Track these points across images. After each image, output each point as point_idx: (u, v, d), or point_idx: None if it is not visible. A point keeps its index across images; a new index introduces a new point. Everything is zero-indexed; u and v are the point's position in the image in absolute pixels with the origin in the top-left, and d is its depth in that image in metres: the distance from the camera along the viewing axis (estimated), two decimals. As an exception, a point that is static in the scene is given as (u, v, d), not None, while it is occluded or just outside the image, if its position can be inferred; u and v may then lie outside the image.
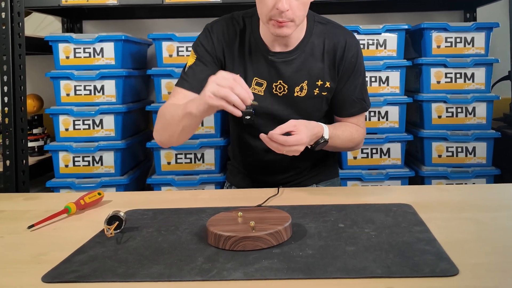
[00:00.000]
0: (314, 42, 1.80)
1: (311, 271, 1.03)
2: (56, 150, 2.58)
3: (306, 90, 1.77)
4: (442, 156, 2.59)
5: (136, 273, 1.05)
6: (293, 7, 1.60)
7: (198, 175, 2.63)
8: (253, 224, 1.21)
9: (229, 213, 1.33)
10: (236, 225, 1.24)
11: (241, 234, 1.16)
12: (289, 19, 1.61)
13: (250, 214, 1.30)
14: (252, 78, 1.79)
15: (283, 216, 1.28)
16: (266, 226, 1.20)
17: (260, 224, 1.22)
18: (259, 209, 1.37)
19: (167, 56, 2.65)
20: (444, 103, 2.57)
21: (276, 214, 1.30)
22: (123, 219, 1.29)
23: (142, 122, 3.01)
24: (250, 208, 1.38)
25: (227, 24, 1.83)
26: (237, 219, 1.28)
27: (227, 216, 1.31)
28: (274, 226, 1.20)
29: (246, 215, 1.30)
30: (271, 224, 1.22)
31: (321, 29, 1.81)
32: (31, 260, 1.15)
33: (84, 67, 2.60)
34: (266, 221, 1.25)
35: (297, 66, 1.77)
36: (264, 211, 1.33)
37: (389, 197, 1.57)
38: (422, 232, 1.23)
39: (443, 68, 2.58)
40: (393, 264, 1.05)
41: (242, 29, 1.82)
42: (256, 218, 1.26)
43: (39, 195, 1.73)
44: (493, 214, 1.37)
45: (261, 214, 1.31)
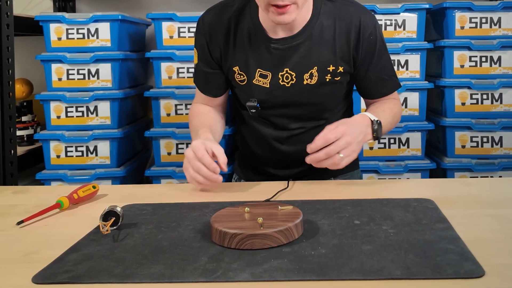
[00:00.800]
0: (322, 24, 1.74)
1: (324, 272, 1.02)
2: (47, 140, 2.59)
3: (316, 77, 1.74)
4: (466, 146, 2.58)
5: (134, 273, 1.04)
6: None
7: (201, 167, 2.62)
8: (261, 220, 1.20)
9: (235, 208, 1.32)
10: (242, 221, 1.23)
11: (248, 232, 1.16)
12: (291, 1, 1.56)
13: (258, 210, 1.30)
14: (256, 70, 1.75)
15: (293, 212, 1.27)
16: (276, 223, 1.20)
17: (268, 220, 1.22)
18: (268, 204, 1.37)
19: (167, 37, 2.65)
20: (468, 89, 2.56)
21: (286, 210, 1.29)
22: (120, 215, 1.29)
23: (140, 109, 3.01)
24: (258, 203, 1.37)
25: (220, 13, 1.79)
26: (243, 215, 1.27)
27: (233, 211, 1.30)
28: (284, 223, 1.19)
29: (253, 210, 1.29)
30: (281, 221, 1.21)
31: (330, 8, 1.75)
32: (20, 259, 1.15)
33: (77, 50, 2.60)
34: (275, 218, 1.24)
35: (304, 52, 1.73)
36: (273, 207, 1.32)
37: (409, 192, 1.56)
38: (444, 229, 1.22)
39: (467, 51, 2.57)
40: (413, 264, 1.04)
41: (238, 15, 1.78)
42: (265, 214, 1.26)
43: (29, 188, 1.73)
44: (523, 210, 1.36)
45: (270, 209, 1.30)
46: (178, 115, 2.63)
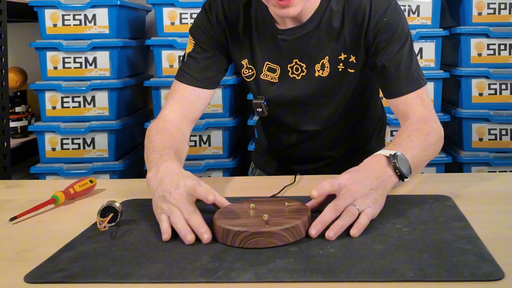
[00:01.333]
0: (332, 9, 1.64)
1: (333, 272, 1.01)
2: (41, 131, 2.59)
3: (328, 68, 1.67)
4: (483, 139, 2.58)
5: (131, 272, 1.04)
6: None
7: (203, 160, 2.64)
8: (266, 217, 1.20)
9: (240, 204, 1.32)
10: (247, 218, 1.23)
11: (253, 229, 1.15)
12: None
13: (264, 206, 1.29)
14: (264, 63, 1.70)
15: (301, 209, 1.27)
16: (282, 220, 1.19)
17: (275, 217, 1.21)
18: (274, 200, 1.36)
19: (168, 24, 2.65)
20: (486, 78, 2.56)
21: (293, 206, 1.29)
22: (118, 211, 1.28)
23: (140, 99, 3.01)
24: (264, 199, 1.37)
25: (227, 1, 1.72)
26: (248, 212, 1.27)
27: (238, 208, 1.30)
28: (290, 220, 1.19)
29: (259, 207, 1.29)
30: (288, 218, 1.21)
31: None
32: (13, 257, 1.15)
33: (74, 37, 2.61)
34: (281, 214, 1.24)
35: (314, 41, 1.66)
36: (280, 203, 1.32)
37: (424, 187, 1.55)
38: (462, 228, 1.21)
39: (485, 39, 2.56)
40: (428, 266, 1.03)
41: (246, 3, 1.71)
42: (271, 211, 1.25)
43: (23, 183, 1.74)
44: (544, 208, 1.36)
45: (276, 206, 1.30)
46: (180, 105, 2.62)
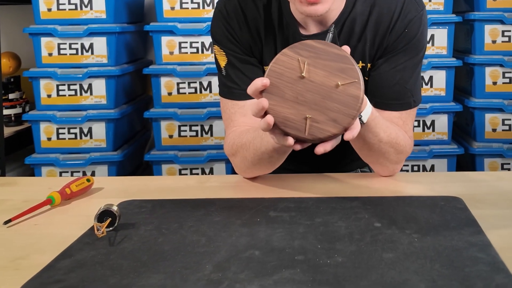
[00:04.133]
0: (356, 12, 1.60)
1: (341, 284, 1.01)
2: (36, 120, 2.60)
3: None
4: (497, 130, 2.58)
5: (131, 283, 1.04)
6: None
7: (205, 151, 2.64)
8: (309, 122, 1.24)
9: (294, 63, 1.30)
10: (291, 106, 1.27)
11: (289, 130, 1.25)
12: None
13: (317, 74, 1.28)
14: None
15: (351, 101, 1.26)
16: (322, 124, 1.25)
17: (317, 111, 1.25)
18: (332, 65, 1.30)
19: (168, 8, 2.65)
20: (501, 67, 2.56)
21: (346, 90, 1.27)
22: (116, 215, 1.28)
23: (139, 87, 3.02)
24: (322, 56, 1.31)
25: (245, 1, 1.66)
26: (297, 86, 1.28)
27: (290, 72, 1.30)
28: (330, 125, 1.25)
29: (311, 75, 1.28)
30: (330, 119, 1.25)
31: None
32: (8, 265, 1.15)
33: (69, 21, 2.61)
34: (326, 106, 1.26)
35: None
36: (335, 75, 1.28)
37: (435, 188, 1.55)
38: (474, 234, 1.21)
39: (500, 25, 2.56)
40: (439, 276, 1.03)
41: (266, 4, 1.65)
42: (319, 90, 1.27)
43: (17, 180, 1.73)
44: (561, 211, 1.36)
45: (329, 79, 1.28)
46: (180, 94, 2.63)
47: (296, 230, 1.25)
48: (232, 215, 1.35)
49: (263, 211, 1.37)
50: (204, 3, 2.63)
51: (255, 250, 1.16)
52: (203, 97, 2.65)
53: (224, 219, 1.33)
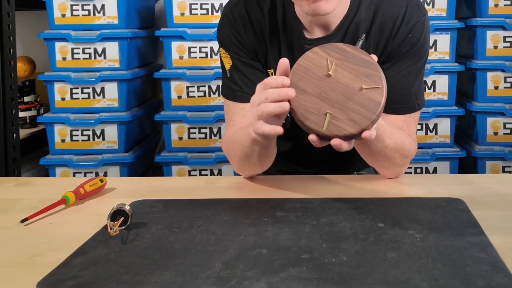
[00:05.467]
0: (360, 17, 1.58)
1: (346, 282, 1.02)
2: (51, 123, 2.61)
3: None
4: (498, 133, 2.58)
5: (144, 280, 1.05)
6: None
7: (214, 153, 2.65)
8: (328, 118, 1.25)
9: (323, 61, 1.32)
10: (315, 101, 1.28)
11: (309, 124, 1.27)
12: None
13: (344, 75, 1.30)
14: None
15: (373, 104, 1.28)
16: (342, 122, 1.26)
17: (339, 110, 1.27)
18: (358, 68, 1.32)
19: (178, 14, 2.65)
20: (502, 71, 2.56)
21: (369, 94, 1.29)
22: (128, 214, 1.29)
23: (150, 90, 3.02)
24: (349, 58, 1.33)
25: (250, 4, 1.64)
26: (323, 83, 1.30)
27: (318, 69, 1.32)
28: (350, 124, 1.26)
29: (338, 75, 1.30)
30: (350, 120, 1.26)
31: (371, 0, 1.59)
32: (25, 262, 1.16)
33: (82, 27, 2.62)
34: (348, 107, 1.27)
35: None
36: (359, 78, 1.30)
37: (437, 189, 1.55)
38: (475, 235, 1.21)
39: (502, 31, 2.56)
40: (441, 275, 1.04)
41: (270, 7, 1.63)
42: (344, 90, 1.28)
43: (33, 181, 1.74)
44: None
45: (354, 81, 1.30)
46: (190, 97, 2.64)
47: (302, 230, 1.26)
48: (240, 215, 1.36)
49: (270, 211, 1.37)
50: (213, 9, 2.64)
51: (262, 249, 1.16)
52: (211, 100, 2.66)
53: (233, 218, 1.34)
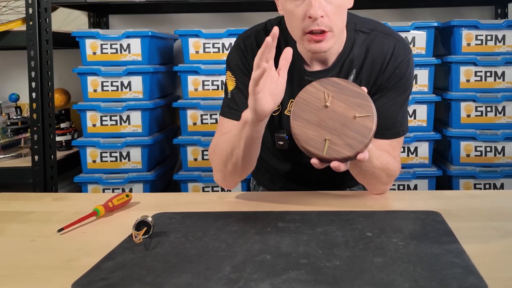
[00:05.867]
0: (354, 54, 1.60)
1: (339, 284, 1.03)
2: (83, 146, 2.62)
3: None
4: (470, 155, 2.58)
5: (164, 282, 1.06)
6: (327, 13, 1.43)
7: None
8: (328, 143, 1.28)
9: (320, 94, 1.35)
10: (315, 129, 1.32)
11: (310, 149, 1.30)
12: (327, 27, 1.44)
13: (339, 105, 1.33)
14: (288, 100, 1.63)
15: (364, 130, 1.31)
16: (339, 146, 1.29)
17: (336, 136, 1.30)
18: (349, 99, 1.34)
19: (193, 52, 2.66)
20: (474, 102, 2.56)
21: (361, 122, 1.31)
22: (151, 225, 1.30)
23: (169, 117, 3.03)
24: (343, 92, 1.35)
25: (261, 38, 1.64)
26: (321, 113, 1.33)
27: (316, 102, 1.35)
28: (346, 148, 1.29)
29: (334, 106, 1.33)
30: (346, 144, 1.29)
31: (364, 39, 1.61)
32: (61, 266, 1.17)
33: (111, 63, 2.62)
34: (344, 133, 1.30)
35: None
36: (352, 108, 1.33)
37: (418, 204, 1.55)
38: (450, 243, 1.22)
39: (473, 67, 2.56)
40: (421, 278, 1.04)
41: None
42: (339, 119, 1.31)
43: (68, 196, 1.75)
44: (524, 224, 1.36)
45: (347, 111, 1.32)
46: (203, 124, 2.65)
47: (301, 238, 1.26)
48: (247, 225, 1.36)
49: (273, 222, 1.38)
50: (223, 48, 2.65)
51: (266, 255, 1.17)
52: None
53: (240, 228, 1.34)
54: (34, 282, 1.10)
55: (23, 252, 1.25)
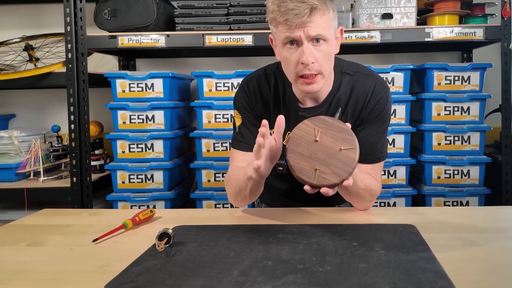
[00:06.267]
0: (341, 93, 1.63)
1: (330, 286, 1.03)
2: (114, 169, 2.63)
3: None
4: (441, 177, 2.57)
5: (182, 284, 1.06)
6: (317, 59, 1.47)
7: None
8: (318, 173, 1.28)
9: (310, 129, 1.36)
10: (306, 160, 1.32)
11: (303, 178, 1.31)
12: (317, 71, 1.48)
13: (326, 139, 1.34)
14: (286, 133, 1.62)
15: (349, 160, 1.31)
16: (328, 174, 1.30)
17: (325, 166, 1.31)
18: (335, 134, 1.35)
19: (207, 90, 2.68)
20: (443, 132, 2.56)
21: (346, 153, 1.32)
22: (171, 236, 1.30)
23: (186, 145, 3.04)
24: (332, 127, 1.36)
25: (261, 81, 1.69)
26: (312, 146, 1.34)
27: (307, 136, 1.36)
28: (334, 177, 1.30)
29: (322, 140, 1.34)
30: (333, 173, 1.30)
31: (348, 80, 1.64)
32: (96, 271, 1.17)
33: (137, 99, 2.64)
34: (331, 163, 1.31)
35: None
36: (338, 142, 1.34)
37: (396, 218, 1.56)
38: (424, 251, 1.22)
39: (443, 102, 2.57)
40: (399, 280, 1.05)
41: (275, 84, 1.68)
42: (327, 151, 1.32)
43: (101, 211, 1.76)
44: (485, 235, 1.36)
45: (334, 144, 1.33)
46: (215, 151, 2.65)
47: (298, 247, 1.27)
48: (252, 236, 1.37)
49: (274, 234, 1.38)
50: (232, 87, 2.66)
51: (268, 261, 1.17)
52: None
53: (247, 239, 1.35)
54: (73, 284, 1.11)
55: (64, 259, 1.26)
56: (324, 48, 1.49)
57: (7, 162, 2.66)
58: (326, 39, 1.49)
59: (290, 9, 1.43)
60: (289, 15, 1.43)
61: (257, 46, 2.54)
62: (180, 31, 2.59)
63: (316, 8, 1.44)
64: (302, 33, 1.45)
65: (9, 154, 2.69)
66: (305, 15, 1.43)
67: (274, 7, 1.47)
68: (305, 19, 1.43)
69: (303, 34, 1.45)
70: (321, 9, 1.45)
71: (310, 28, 1.45)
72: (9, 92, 3.25)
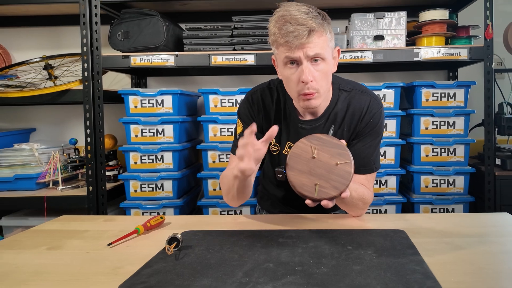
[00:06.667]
0: (338, 108, 1.64)
1: (326, 286, 1.03)
2: (127, 179, 2.63)
3: None
4: (428, 186, 2.57)
5: (190, 284, 1.07)
6: (315, 77, 1.48)
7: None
8: (318, 187, 1.28)
9: (307, 147, 1.37)
10: (306, 175, 1.33)
11: (304, 192, 1.30)
12: (315, 89, 1.49)
13: (323, 155, 1.34)
14: (286, 142, 1.69)
15: (345, 173, 1.32)
16: (327, 188, 1.30)
17: (324, 181, 1.31)
18: (332, 150, 1.35)
19: (213, 106, 2.68)
20: (431, 145, 2.57)
21: (342, 168, 1.32)
22: (180, 240, 1.31)
23: (194, 157, 3.04)
24: (328, 142, 1.37)
25: (265, 94, 1.71)
26: (310, 163, 1.34)
27: (304, 153, 1.36)
28: (332, 191, 1.30)
29: (319, 156, 1.34)
30: (332, 187, 1.30)
31: (345, 96, 1.65)
32: (110, 272, 1.18)
33: (148, 115, 2.64)
34: (329, 178, 1.31)
35: (324, 131, 1.65)
36: (334, 158, 1.34)
37: (387, 224, 1.56)
38: (413, 254, 1.23)
39: (430, 117, 2.58)
40: (390, 281, 1.05)
41: (277, 98, 1.69)
42: (325, 166, 1.33)
43: (115, 218, 1.76)
44: (469, 240, 1.36)
45: (331, 160, 1.33)
46: (221, 162, 2.66)
47: (297, 251, 1.27)
48: (254, 240, 1.37)
49: (274, 238, 1.39)
50: (236, 103, 2.66)
51: (269, 263, 1.18)
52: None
53: (249, 243, 1.35)
54: (90, 285, 1.11)
55: (81, 261, 1.27)
56: (322, 67, 1.51)
57: (28, 172, 2.66)
58: (324, 58, 1.50)
59: (290, 32, 1.45)
60: (289, 37, 1.45)
61: (259, 65, 2.55)
62: (188, 52, 2.61)
63: (314, 30, 1.46)
64: (301, 53, 1.47)
65: (30, 165, 2.70)
66: (304, 36, 1.44)
67: (275, 30, 1.49)
68: (304, 40, 1.45)
69: (302, 54, 1.47)
70: (319, 31, 1.47)
71: (308, 48, 1.46)
72: (30, 108, 3.27)
